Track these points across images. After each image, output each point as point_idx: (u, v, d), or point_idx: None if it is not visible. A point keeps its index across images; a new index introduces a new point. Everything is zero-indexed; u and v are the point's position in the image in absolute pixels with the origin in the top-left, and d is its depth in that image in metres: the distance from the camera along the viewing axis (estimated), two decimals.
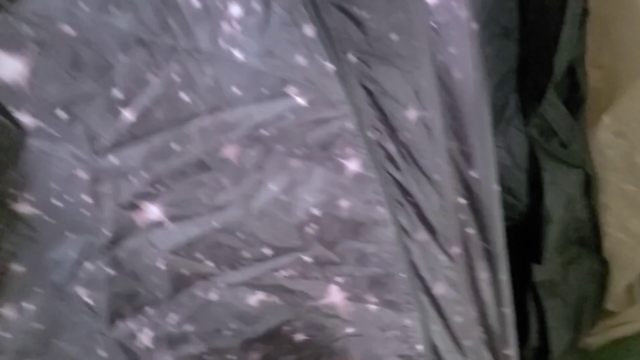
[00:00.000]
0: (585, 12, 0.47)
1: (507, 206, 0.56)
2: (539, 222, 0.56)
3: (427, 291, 0.46)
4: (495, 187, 0.40)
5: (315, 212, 0.42)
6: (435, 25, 0.35)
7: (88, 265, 0.41)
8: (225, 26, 0.33)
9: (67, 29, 0.32)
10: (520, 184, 0.56)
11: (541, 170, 0.54)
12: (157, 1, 0.32)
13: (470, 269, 0.45)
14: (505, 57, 0.48)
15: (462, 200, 0.42)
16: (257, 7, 0.33)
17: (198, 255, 0.43)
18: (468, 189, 0.41)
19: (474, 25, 0.34)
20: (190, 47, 0.34)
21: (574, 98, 0.51)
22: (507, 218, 0.47)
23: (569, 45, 0.44)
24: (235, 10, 0.33)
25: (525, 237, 0.57)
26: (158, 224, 0.41)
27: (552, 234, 0.55)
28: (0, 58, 0.32)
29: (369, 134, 0.39)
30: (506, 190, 0.57)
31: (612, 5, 0.49)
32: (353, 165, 0.40)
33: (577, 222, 0.56)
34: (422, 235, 0.44)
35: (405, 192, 0.42)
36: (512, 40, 0.47)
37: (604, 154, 0.53)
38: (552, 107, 0.48)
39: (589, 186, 0.54)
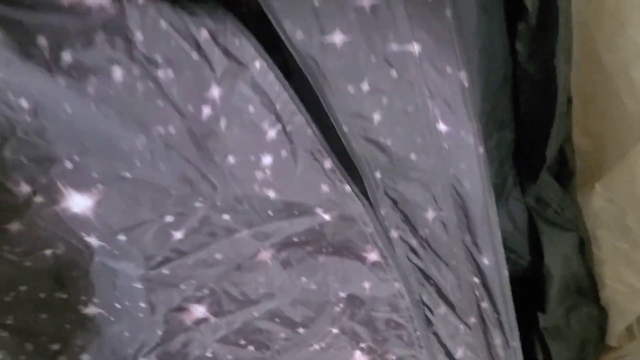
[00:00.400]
0: (569, 101, 0.54)
1: (511, 263, 0.62)
2: (541, 276, 0.63)
3: (450, 356, 0.52)
4: (505, 273, 0.46)
5: (342, 294, 0.48)
6: (447, 147, 0.41)
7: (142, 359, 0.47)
8: (258, 174, 0.37)
9: (126, 174, 0.37)
10: (523, 246, 0.62)
11: (540, 234, 0.60)
12: (198, 160, 0.36)
13: (486, 336, 0.50)
14: (503, 145, 0.54)
15: (476, 280, 0.48)
16: (285, 153, 0.37)
17: (241, 341, 0.48)
18: (481, 272, 0.47)
19: (481, 150, 0.40)
20: (228, 191, 0.38)
21: (564, 172, 0.58)
22: (513, 271, 0.52)
23: (559, 137, 0.51)
24: (267, 160, 0.37)
25: (529, 285, 0.63)
26: (204, 320, 0.46)
27: (553, 288, 0.61)
28: (73, 196, 0.36)
29: (393, 231, 0.45)
30: (510, 250, 0.63)
31: (596, 85, 0.54)
32: (372, 256, 0.45)
33: (575, 276, 0.62)
34: (442, 309, 0.50)
35: (426, 276, 0.48)
36: (509, 130, 0.54)
37: (598, 217, 0.58)
38: (546, 185, 0.55)
39: (583, 246, 0.60)
